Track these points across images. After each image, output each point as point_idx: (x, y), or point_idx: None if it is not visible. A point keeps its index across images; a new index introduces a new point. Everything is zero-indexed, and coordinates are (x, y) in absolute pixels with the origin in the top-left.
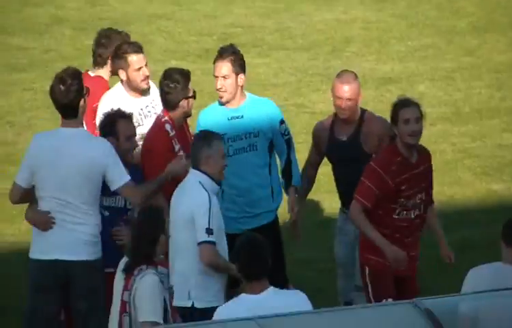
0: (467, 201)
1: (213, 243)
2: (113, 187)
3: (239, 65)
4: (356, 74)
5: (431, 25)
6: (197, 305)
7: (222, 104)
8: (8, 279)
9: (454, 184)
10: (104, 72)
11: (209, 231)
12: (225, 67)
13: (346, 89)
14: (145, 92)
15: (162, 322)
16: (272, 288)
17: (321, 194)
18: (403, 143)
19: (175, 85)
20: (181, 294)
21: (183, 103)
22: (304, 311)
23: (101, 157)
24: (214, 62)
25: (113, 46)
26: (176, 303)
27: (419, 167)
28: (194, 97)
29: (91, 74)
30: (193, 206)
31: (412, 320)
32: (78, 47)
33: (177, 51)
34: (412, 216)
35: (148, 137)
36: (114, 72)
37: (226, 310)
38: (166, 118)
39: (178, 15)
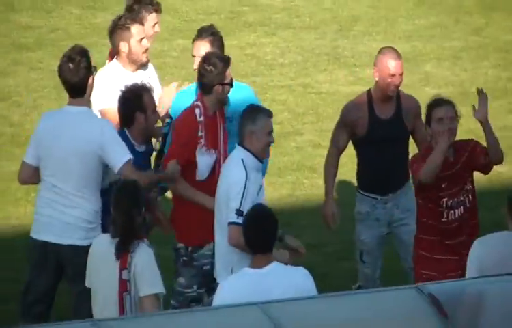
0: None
1: (241, 225)
2: (115, 169)
3: (218, 47)
4: None
5: (438, 3)
6: None
7: None
8: (13, 263)
9: None
10: None
11: (239, 212)
12: (203, 47)
13: (400, 65)
14: (143, 66)
15: (164, 291)
16: (275, 262)
17: None
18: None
19: (211, 68)
20: (224, 271)
21: (218, 88)
22: (310, 296)
23: (97, 136)
24: (193, 41)
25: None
26: (219, 280)
27: (456, 165)
28: (231, 85)
29: None
30: (229, 184)
31: (416, 305)
32: (86, 26)
33: (184, 30)
34: (460, 214)
35: (178, 118)
36: (114, 47)
37: (229, 284)
38: (198, 102)
39: None
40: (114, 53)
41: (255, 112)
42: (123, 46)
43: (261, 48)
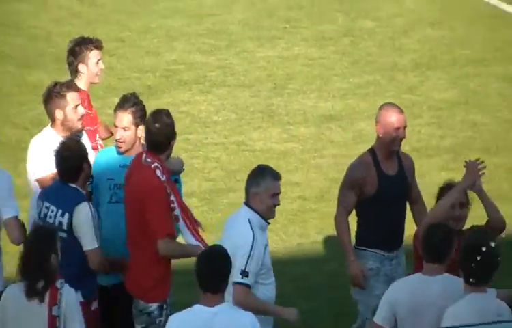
0: (406, 241)
1: (246, 285)
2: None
3: (140, 117)
4: None
5: (373, 62)
6: None
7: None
8: None
9: None
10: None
11: (244, 273)
12: (126, 118)
13: (404, 118)
14: (78, 132)
15: None
16: (227, 304)
17: None
18: None
19: (162, 125)
20: None
21: (172, 144)
22: None
23: None
24: (115, 110)
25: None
26: None
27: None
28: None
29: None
30: (236, 243)
31: None
32: (20, 83)
33: (119, 88)
34: None
35: (148, 186)
36: (49, 114)
37: (179, 318)
38: (156, 163)
39: (121, 51)
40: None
41: (261, 173)
42: (59, 114)
43: (195, 105)
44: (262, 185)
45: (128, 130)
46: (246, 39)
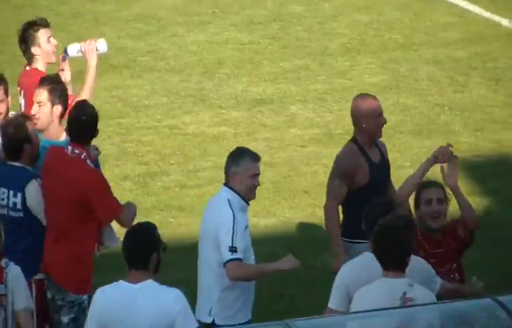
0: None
1: (237, 259)
2: None
3: (58, 97)
4: None
5: (303, 47)
6: (218, 322)
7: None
8: None
9: None
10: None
11: (232, 249)
12: (42, 94)
13: (380, 104)
14: None
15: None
16: (150, 281)
17: None
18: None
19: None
20: (204, 310)
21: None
22: None
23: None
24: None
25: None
26: (198, 317)
27: (442, 247)
28: None
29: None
30: (217, 224)
31: None
32: None
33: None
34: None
35: (89, 175)
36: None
37: (103, 294)
38: (85, 153)
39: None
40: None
41: (240, 154)
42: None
43: (126, 90)
44: (242, 165)
45: (44, 106)
46: (175, 24)
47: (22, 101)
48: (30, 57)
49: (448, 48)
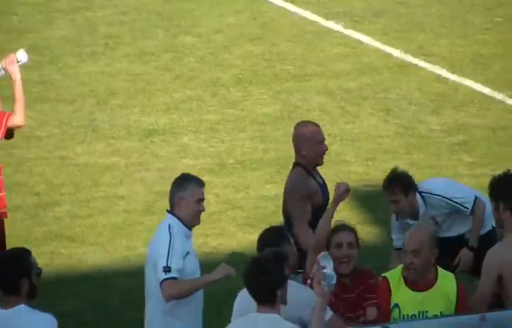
0: (231, 252)
1: (172, 278)
2: None
3: None
4: None
5: (196, 77)
6: None
7: None
8: None
9: (219, 235)
10: None
11: (166, 269)
12: None
13: (322, 131)
14: None
15: None
16: (23, 305)
17: None
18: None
19: None
20: None
21: None
22: None
23: None
24: None
25: None
26: None
27: (353, 293)
28: None
29: None
30: (155, 249)
31: None
32: None
33: None
34: None
35: None
36: None
37: None
38: None
39: None
40: None
41: (186, 180)
42: None
43: None
44: (188, 190)
45: None
46: (67, 55)
47: None
48: None
49: (339, 79)
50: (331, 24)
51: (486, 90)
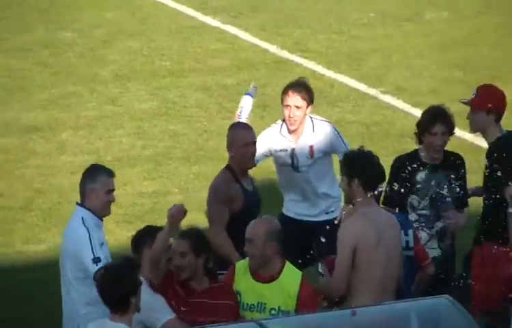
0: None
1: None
2: None
3: None
4: None
5: (75, 73)
6: None
7: None
8: None
9: None
10: None
11: (95, 259)
12: None
13: (253, 134)
14: None
15: None
16: None
17: None
18: None
19: None
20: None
21: None
22: None
23: None
24: None
25: None
26: None
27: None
28: None
29: None
30: (73, 242)
31: None
32: None
33: None
34: None
35: None
36: None
37: None
38: None
39: None
40: None
41: (96, 170)
42: None
43: None
44: (98, 181)
45: None
46: None
47: None
48: None
49: (217, 75)
50: (209, 20)
51: (361, 86)
